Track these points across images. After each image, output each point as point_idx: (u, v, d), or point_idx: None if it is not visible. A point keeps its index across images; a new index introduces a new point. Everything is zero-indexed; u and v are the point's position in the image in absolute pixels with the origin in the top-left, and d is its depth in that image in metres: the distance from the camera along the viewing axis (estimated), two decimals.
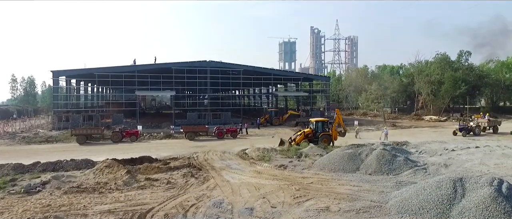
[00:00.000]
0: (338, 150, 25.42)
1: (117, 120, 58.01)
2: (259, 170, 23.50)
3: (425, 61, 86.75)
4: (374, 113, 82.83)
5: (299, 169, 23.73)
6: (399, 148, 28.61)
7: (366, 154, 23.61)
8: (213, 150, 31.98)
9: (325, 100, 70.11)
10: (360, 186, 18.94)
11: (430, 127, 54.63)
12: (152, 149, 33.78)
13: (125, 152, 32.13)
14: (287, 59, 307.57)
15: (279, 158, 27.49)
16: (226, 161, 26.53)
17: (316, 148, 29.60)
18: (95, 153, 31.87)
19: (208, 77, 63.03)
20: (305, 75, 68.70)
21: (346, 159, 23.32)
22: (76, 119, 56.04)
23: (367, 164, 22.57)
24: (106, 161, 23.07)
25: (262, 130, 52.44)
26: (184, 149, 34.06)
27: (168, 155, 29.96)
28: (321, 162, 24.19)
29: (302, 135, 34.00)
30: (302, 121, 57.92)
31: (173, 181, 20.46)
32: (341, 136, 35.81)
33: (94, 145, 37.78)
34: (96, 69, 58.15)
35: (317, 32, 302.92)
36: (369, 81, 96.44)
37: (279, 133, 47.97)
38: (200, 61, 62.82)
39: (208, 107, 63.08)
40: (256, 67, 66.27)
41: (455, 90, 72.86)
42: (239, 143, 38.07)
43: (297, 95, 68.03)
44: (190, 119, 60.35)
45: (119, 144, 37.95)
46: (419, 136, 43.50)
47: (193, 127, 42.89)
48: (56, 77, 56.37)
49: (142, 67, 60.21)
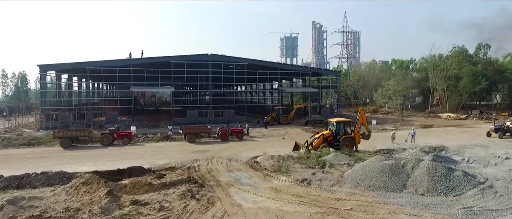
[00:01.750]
0: (373, 160, 20.50)
1: (111, 118, 53.19)
2: (277, 187, 18.65)
3: (439, 55, 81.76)
4: (385, 109, 78.01)
5: (326, 185, 18.87)
6: (443, 156, 23.64)
7: (412, 166, 18.71)
8: (217, 156, 27.14)
9: (334, 96, 65.06)
10: (419, 215, 14.08)
11: (454, 126, 49.68)
12: (146, 155, 28.91)
13: (113, 159, 27.30)
14: (288, 54, 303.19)
15: (299, 168, 22.60)
16: (234, 173, 21.66)
17: (341, 155, 24.72)
18: (78, 160, 27.03)
19: (210, 71, 58.07)
20: (314, 69, 63.72)
21: (386, 173, 18.44)
22: (66, 118, 51.14)
23: (415, 180, 17.69)
24: (84, 176, 18.22)
25: (270, 129, 47.58)
26: (183, 154, 29.21)
27: (164, 163, 25.12)
28: (353, 176, 19.33)
29: (321, 138, 29.08)
30: (313, 119, 53.07)
31: (168, 205, 15.60)
32: (365, 138, 30.93)
33: (80, 149, 32.92)
34: (88, 63, 53.21)
35: (319, 27, 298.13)
36: (378, 76, 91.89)
37: (289, 133, 43.10)
38: (201, 55, 57.87)
39: (209, 105, 58.19)
40: (261, 61, 61.26)
41: (474, 86, 67.89)
42: (246, 147, 33.22)
43: (305, 91, 62.98)
44: (190, 117, 55.53)
45: (109, 148, 33.08)
46: (448, 137, 38.62)
47: (194, 128, 38.01)
48: (43, 72, 51.42)
49: (138, 61, 55.21)
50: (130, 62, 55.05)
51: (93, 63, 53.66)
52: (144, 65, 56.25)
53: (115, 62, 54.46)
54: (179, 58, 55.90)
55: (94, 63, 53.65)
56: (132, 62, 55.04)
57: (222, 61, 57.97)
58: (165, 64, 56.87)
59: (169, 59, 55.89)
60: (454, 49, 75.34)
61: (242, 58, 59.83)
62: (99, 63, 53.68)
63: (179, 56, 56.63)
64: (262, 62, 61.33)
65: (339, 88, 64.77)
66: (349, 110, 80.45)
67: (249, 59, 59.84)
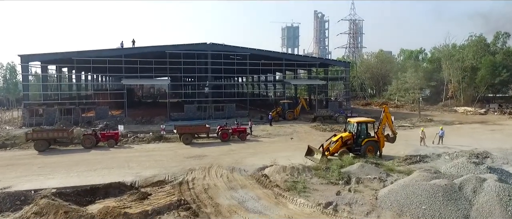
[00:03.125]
0: (417, 178, 15.96)
1: (101, 113, 48.60)
2: (294, 214, 14.19)
3: (453, 45, 76.78)
4: (395, 102, 73.41)
5: (358, 211, 14.41)
6: (497, 168, 19.05)
7: (473, 189, 14.18)
8: (217, 164, 22.64)
9: (343, 89, 60.39)
10: None
11: (479, 123, 45.06)
12: (132, 162, 24.37)
13: (92, 167, 22.79)
14: (290, 45, 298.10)
15: (318, 184, 18.07)
16: (237, 192, 17.17)
17: (368, 165, 20.19)
18: (50, 169, 22.51)
19: (209, 63, 53.31)
20: (322, 60, 58.83)
21: (440, 198, 13.94)
22: (52, 113, 46.57)
23: (482, 210, 13.22)
24: (38, 204, 13.72)
25: (275, 126, 43.04)
26: (176, 161, 24.69)
27: (152, 175, 20.61)
28: (392, 199, 14.83)
29: (339, 142, 24.54)
30: (321, 114, 48.47)
31: None
32: (390, 141, 26.40)
33: (57, 153, 28.39)
34: (74, 53, 48.32)
35: (320, 16, 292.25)
36: (387, 67, 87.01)
37: (297, 132, 38.55)
38: (199, 44, 52.99)
39: (209, 99, 53.50)
40: (264, 51, 56.39)
41: (493, 78, 63.17)
42: (250, 150, 28.69)
43: (312, 84, 58.20)
44: (188, 112, 50.93)
45: (91, 151, 28.56)
46: (478, 137, 34.04)
47: (190, 127, 33.38)
48: (25, 62, 46.62)
49: (130, 51, 50.41)
50: (122, 52, 50.21)
51: (81, 54, 48.80)
52: (137, 55, 51.40)
53: (105, 52, 49.65)
54: (175, 48, 51.10)
55: (82, 54, 48.79)
56: (124, 52, 50.20)
57: (222, 51, 53.13)
58: (160, 54, 52.22)
59: (164, 49, 51.07)
60: (471, 38, 70.39)
61: (243, 47, 54.96)
62: (87, 53, 48.85)
63: (176, 45, 51.75)
64: (266, 52, 56.44)
65: (348, 80, 59.94)
66: (356, 103, 75.85)
67: (251, 49, 54.99)
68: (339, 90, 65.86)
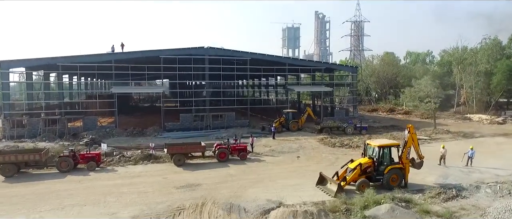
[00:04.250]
0: None
1: (89, 124, 44.71)
2: None
3: (464, 48, 72.86)
4: (403, 108, 69.45)
5: None
6: None
7: None
8: (212, 199, 18.75)
9: (348, 95, 56.50)
10: None
11: (502, 136, 41.12)
12: (111, 195, 20.34)
13: (61, 203, 18.85)
14: (290, 46, 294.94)
15: None
16: None
17: (400, 209, 16.22)
18: (8, 206, 18.55)
19: (206, 68, 49.43)
20: (327, 65, 54.70)
21: None
22: (35, 124, 42.74)
23: None
24: None
25: (278, 138, 39.16)
26: (163, 193, 20.71)
27: (131, 217, 16.72)
28: None
29: (357, 169, 20.61)
30: (328, 125, 44.57)
31: None
32: (416, 168, 22.42)
33: (26, 179, 24.35)
34: (60, 58, 44.37)
35: (321, 17, 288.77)
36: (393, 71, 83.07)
37: (303, 147, 34.59)
38: (197, 48, 48.97)
39: (206, 107, 49.55)
40: (266, 55, 52.44)
41: (510, 83, 59.30)
42: (252, 175, 24.72)
43: (318, 90, 54.17)
44: (184, 122, 47.02)
45: (67, 177, 24.57)
46: (508, 156, 30.06)
47: (183, 146, 29.29)
48: (5, 69, 42.69)
49: (120, 56, 46.42)
50: (112, 57, 46.26)
51: (68, 59, 44.88)
52: (129, 60, 47.58)
53: (93, 58, 45.68)
54: (170, 53, 47.20)
55: (68, 59, 44.89)
56: (114, 57, 46.24)
57: (220, 56, 49.20)
58: (154, 59, 48.36)
59: (158, 53, 47.12)
60: (485, 41, 66.51)
61: (244, 52, 51.04)
62: (74, 58, 44.99)
63: (171, 49, 47.86)
64: (268, 57, 52.44)
65: (356, 86, 55.95)
66: (361, 108, 71.82)
67: (252, 53, 51.02)
68: (344, 95, 61.89)
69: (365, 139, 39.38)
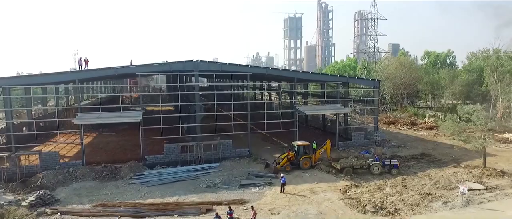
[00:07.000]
0: None
1: (48, 161, 35.24)
2: None
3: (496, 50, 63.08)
4: (425, 122, 60.05)
5: None
6: None
7: None
8: None
9: (371, 114, 46.85)
10: None
11: None
12: None
13: None
14: (292, 36, 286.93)
15: None
16: None
17: None
18: None
19: (196, 87, 39.76)
20: (345, 79, 44.53)
21: None
22: None
23: None
24: None
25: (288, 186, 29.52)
26: None
27: None
28: None
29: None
30: (351, 165, 34.72)
31: None
32: None
33: None
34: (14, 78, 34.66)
35: (324, 6, 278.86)
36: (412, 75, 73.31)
37: (325, 215, 25.03)
38: (184, 62, 39.05)
39: (197, 135, 39.86)
40: (271, 69, 42.66)
41: None
42: None
43: (334, 112, 44.13)
44: (168, 154, 37.62)
45: None
46: None
47: None
48: None
49: (84, 74, 36.71)
50: (76, 76, 36.56)
51: (19, 80, 35.28)
52: (98, 79, 37.91)
53: (51, 77, 35.96)
54: (148, 69, 37.58)
55: (20, 80, 35.28)
56: (78, 76, 36.50)
57: (214, 72, 39.52)
58: (129, 76, 38.70)
59: (133, 70, 37.42)
60: None
61: (242, 65, 41.30)
62: (25, 79, 35.35)
63: (149, 65, 38.13)
64: (272, 71, 42.54)
65: (377, 103, 46.15)
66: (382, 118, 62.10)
67: (253, 67, 41.35)
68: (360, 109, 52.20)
69: (399, 183, 30.73)
